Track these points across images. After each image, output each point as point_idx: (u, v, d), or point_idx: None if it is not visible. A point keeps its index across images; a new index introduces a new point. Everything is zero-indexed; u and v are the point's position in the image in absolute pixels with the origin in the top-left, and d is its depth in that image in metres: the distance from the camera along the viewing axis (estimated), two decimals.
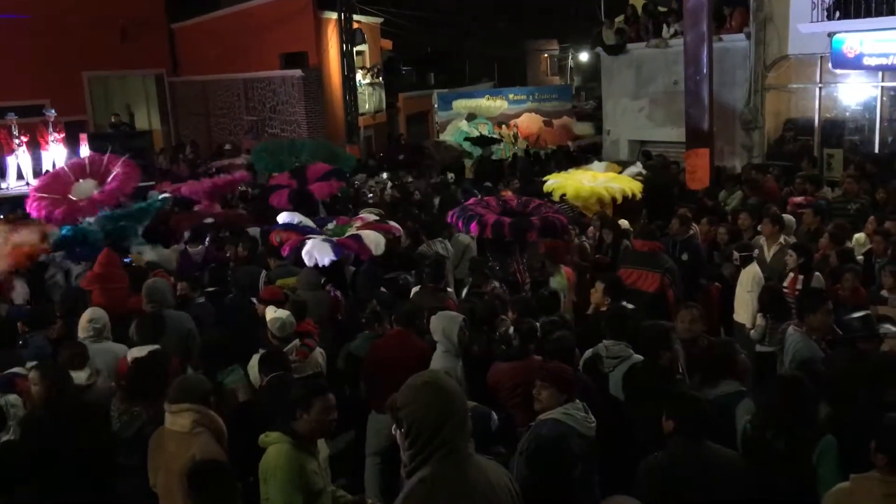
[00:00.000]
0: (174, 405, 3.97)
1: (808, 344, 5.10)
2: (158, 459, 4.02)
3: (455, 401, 2.66)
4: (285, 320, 5.59)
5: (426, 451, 2.60)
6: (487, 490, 2.62)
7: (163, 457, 3.98)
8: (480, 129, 21.30)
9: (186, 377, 4.29)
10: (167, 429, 4.02)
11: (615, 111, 18.20)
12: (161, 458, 4.00)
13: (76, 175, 10.45)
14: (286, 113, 21.67)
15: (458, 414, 2.63)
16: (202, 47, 23.67)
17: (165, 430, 4.03)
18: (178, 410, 3.95)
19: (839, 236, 7.82)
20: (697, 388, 4.63)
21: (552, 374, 4.27)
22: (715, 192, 11.43)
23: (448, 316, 5.40)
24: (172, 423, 3.98)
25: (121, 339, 6.02)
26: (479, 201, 9.22)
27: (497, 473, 2.74)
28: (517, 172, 16.00)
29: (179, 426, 3.94)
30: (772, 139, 14.88)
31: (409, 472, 2.65)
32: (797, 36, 13.51)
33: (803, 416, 3.90)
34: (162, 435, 4.04)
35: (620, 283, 6.44)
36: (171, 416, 3.99)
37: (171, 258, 8.72)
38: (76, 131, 18.23)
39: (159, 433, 4.07)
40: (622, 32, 17.45)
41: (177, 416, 3.96)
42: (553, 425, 4.07)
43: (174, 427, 3.97)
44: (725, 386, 4.56)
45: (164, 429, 4.04)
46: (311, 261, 7.30)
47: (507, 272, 7.83)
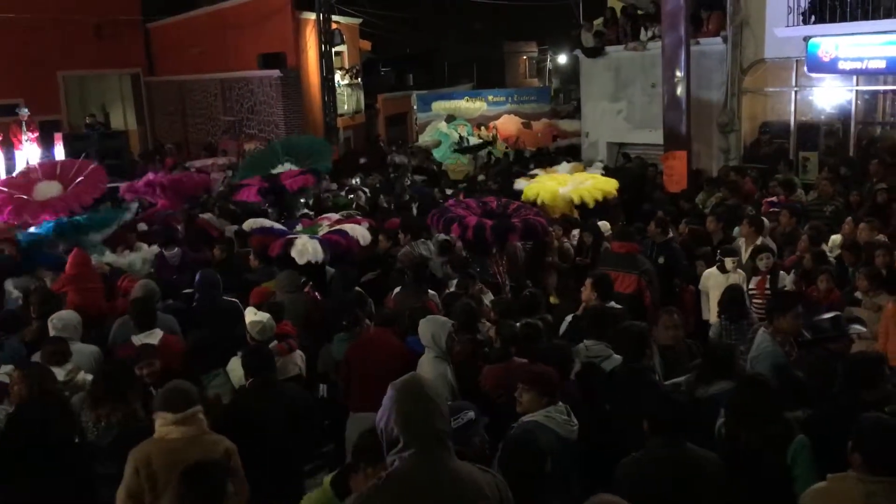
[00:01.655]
0: (181, 413, 3.88)
1: (773, 350, 5.12)
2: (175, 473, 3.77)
3: (423, 404, 2.65)
4: (266, 323, 5.55)
5: (394, 452, 2.65)
6: (449, 494, 2.60)
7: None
8: (460, 130, 21.33)
9: (176, 384, 4.19)
10: (172, 439, 3.85)
11: (594, 113, 18.27)
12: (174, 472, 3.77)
13: (45, 175, 10.21)
14: (264, 113, 21.56)
15: (426, 416, 2.63)
16: (179, 47, 23.48)
17: (170, 442, 3.85)
18: (190, 415, 3.88)
19: (816, 238, 7.91)
20: (692, 386, 4.64)
21: (533, 378, 4.28)
22: (692, 195, 11.51)
23: (437, 321, 5.36)
24: (180, 431, 3.84)
25: (98, 339, 5.96)
26: (458, 203, 9.23)
27: (473, 479, 2.69)
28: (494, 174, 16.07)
29: (193, 431, 3.86)
30: (748, 142, 15.01)
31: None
32: (773, 40, 13.63)
33: (772, 416, 3.93)
34: (168, 448, 3.85)
35: (607, 280, 6.45)
36: (176, 426, 3.85)
37: (136, 262, 8.56)
38: (51, 131, 18.05)
39: (162, 449, 3.86)
40: (600, 35, 17.53)
41: (187, 421, 3.87)
42: (525, 426, 4.10)
43: (181, 434, 3.84)
44: (720, 385, 4.56)
45: (167, 441, 3.86)
46: (304, 259, 7.25)
47: (487, 273, 7.84)
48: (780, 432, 3.89)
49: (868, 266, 6.88)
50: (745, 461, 3.88)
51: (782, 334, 5.18)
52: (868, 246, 7.44)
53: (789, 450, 3.83)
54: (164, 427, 3.87)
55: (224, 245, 8.58)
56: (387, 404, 2.71)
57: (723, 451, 4.02)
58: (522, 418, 4.20)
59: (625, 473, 3.74)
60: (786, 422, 3.96)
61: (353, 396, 5.64)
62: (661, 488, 3.61)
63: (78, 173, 10.06)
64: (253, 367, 4.86)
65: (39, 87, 21.74)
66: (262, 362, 4.89)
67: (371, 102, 25.54)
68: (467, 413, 3.93)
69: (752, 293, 7.17)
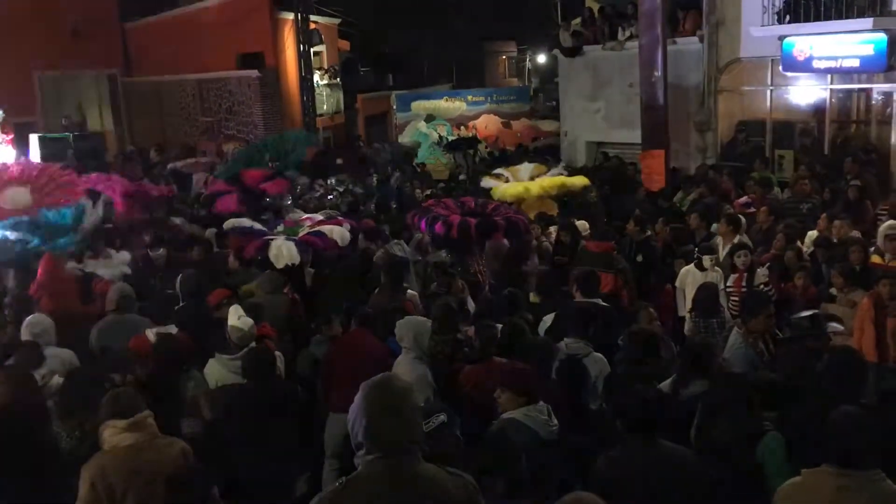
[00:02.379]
0: (131, 419, 3.84)
1: (745, 351, 5.17)
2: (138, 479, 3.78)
3: (389, 409, 2.63)
4: (247, 331, 5.51)
5: (359, 454, 2.66)
6: (411, 499, 2.58)
7: (144, 475, 3.76)
8: (439, 130, 21.34)
9: (119, 391, 4.15)
10: (124, 447, 3.80)
11: (572, 113, 18.33)
12: (141, 478, 3.77)
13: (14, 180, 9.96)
14: (242, 114, 21.43)
15: (390, 422, 2.61)
16: (156, 47, 23.28)
17: (124, 450, 3.80)
18: (141, 420, 3.85)
19: (792, 236, 7.99)
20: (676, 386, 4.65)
21: (509, 377, 4.30)
22: (670, 193, 11.60)
23: (418, 322, 5.36)
24: (133, 437, 3.80)
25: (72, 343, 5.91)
26: (437, 202, 9.24)
27: (438, 483, 2.65)
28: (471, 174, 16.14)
29: (145, 436, 3.83)
30: (724, 141, 15.13)
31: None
32: (749, 39, 13.74)
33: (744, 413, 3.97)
34: (122, 457, 3.79)
35: (592, 278, 6.47)
36: (129, 432, 3.81)
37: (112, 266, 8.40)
38: (26, 132, 17.84)
39: (116, 458, 3.79)
40: (579, 35, 17.59)
41: (138, 427, 3.84)
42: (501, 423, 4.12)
43: (133, 440, 3.82)
44: (696, 386, 4.57)
45: (120, 449, 3.80)
46: (281, 262, 7.23)
47: (468, 272, 7.85)
48: (751, 429, 3.93)
49: (842, 263, 6.97)
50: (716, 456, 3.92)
51: (754, 335, 5.24)
52: (842, 243, 7.53)
53: (759, 447, 3.86)
54: (115, 436, 3.80)
55: (203, 246, 8.54)
56: (355, 405, 2.70)
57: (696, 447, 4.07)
58: (502, 416, 4.21)
59: (600, 471, 3.76)
60: (757, 419, 4.00)
61: (332, 397, 5.63)
62: (635, 486, 3.63)
63: (50, 180, 9.83)
64: (253, 370, 4.88)
65: (14, 88, 21.44)
66: (262, 366, 4.92)
67: (350, 102, 25.47)
68: (439, 416, 3.94)
69: (729, 291, 7.24)
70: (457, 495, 2.68)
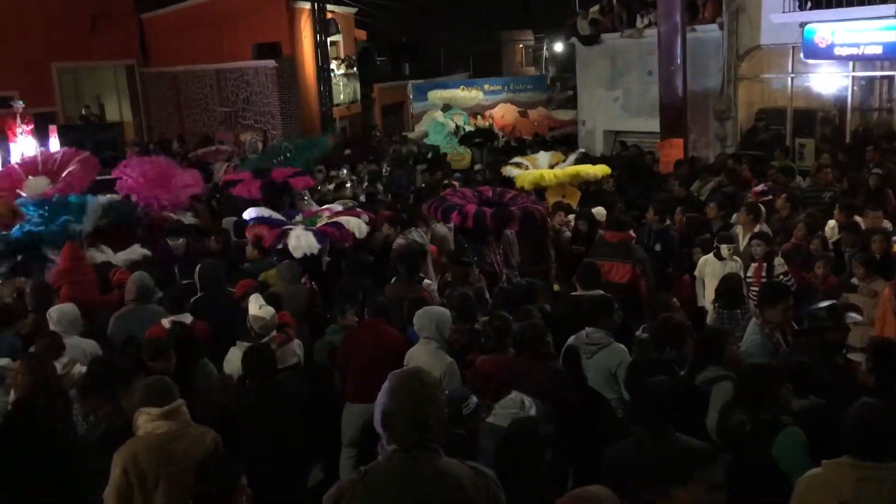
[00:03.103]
0: (166, 406, 3.86)
1: (761, 342, 5.13)
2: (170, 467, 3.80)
3: (412, 403, 2.62)
4: (268, 320, 5.52)
5: (380, 444, 2.67)
6: (426, 493, 2.58)
7: (176, 464, 3.78)
8: (456, 119, 21.28)
9: (155, 378, 4.18)
10: (159, 434, 3.81)
11: (590, 101, 18.23)
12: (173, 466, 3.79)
13: (28, 172, 10.03)
14: (260, 104, 21.48)
15: (412, 416, 2.60)
16: (173, 37, 23.37)
17: (157, 437, 3.81)
18: (175, 408, 3.87)
19: (813, 226, 7.91)
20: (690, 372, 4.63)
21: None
22: (689, 182, 11.50)
23: (438, 311, 5.33)
24: (168, 425, 3.82)
25: (91, 333, 5.95)
26: (454, 192, 9.23)
27: (456, 479, 2.63)
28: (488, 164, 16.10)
29: (179, 424, 3.85)
30: (744, 129, 15.00)
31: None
32: (769, 26, 13.59)
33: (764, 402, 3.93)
34: (155, 444, 3.80)
35: (591, 270, 6.43)
36: (163, 420, 3.82)
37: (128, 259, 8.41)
38: (46, 123, 17.99)
39: (149, 445, 3.80)
40: (597, 23, 17.48)
41: (172, 415, 3.86)
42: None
43: (168, 428, 3.83)
44: (710, 371, 4.55)
45: (154, 436, 3.81)
46: (300, 252, 7.24)
47: (485, 262, 7.84)
48: (770, 420, 3.89)
49: (863, 252, 6.89)
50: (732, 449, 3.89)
51: (771, 325, 5.19)
52: (865, 232, 7.44)
53: (776, 442, 3.81)
54: (150, 423, 3.83)
55: (220, 236, 8.56)
56: (381, 394, 2.69)
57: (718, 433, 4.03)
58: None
59: (609, 460, 3.75)
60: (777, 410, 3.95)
61: (348, 387, 5.64)
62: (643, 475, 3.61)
63: (63, 164, 9.93)
64: (252, 368, 4.87)
65: (34, 79, 21.64)
66: (263, 366, 4.88)
67: (367, 92, 25.45)
68: (471, 398, 3.93)
69: (749, 281, 7.17)
70: (474, 492, 2.65)
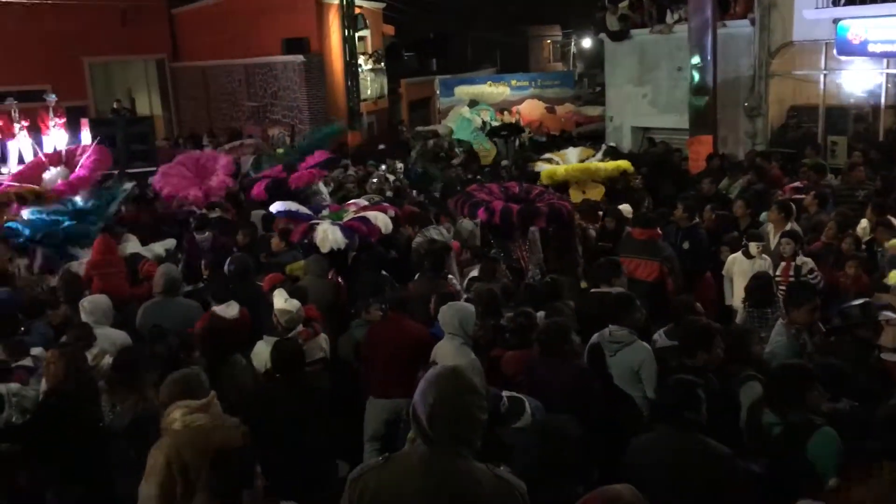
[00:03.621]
0: (204, 399, 3.88)
1: (786, 343, 5.06)
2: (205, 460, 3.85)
3: (451, 396, 2.60)
4: (295, 314, 5.55)
5: (410, 436, 2.68)
6: (439, 492, 2.56)
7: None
8: (482, 115, 21.24)
9: (188, 372, 4.22)
10: (198, 426, 3.70)
11: (618, 97, 18.10)
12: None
13: (52, 163, 10.20)
14: (287, 99, 21.60)
15: (449, 409, 2.58)
16: (203, 32, 23.57)
17: (197, 429, 3.68)
18: (211, 400, 3.89)
19: (843, 224, 7.79)
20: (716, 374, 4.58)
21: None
22: (719, 179, 11.39)
23: (462, 307, 5.31)
24: (206, 417, 3.74)
25: (122, 325, 6.02)
26: (480, 188, 9.20)
27: (475, 485, 2.58)
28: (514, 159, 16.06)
29: (215, 417, 3.85)
30: (775, 126, 14.81)
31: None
32: (802, 22, 13.41)
33: (793, 403, 3.89)
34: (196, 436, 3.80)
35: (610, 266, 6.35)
36: (203, 412, 3.77)
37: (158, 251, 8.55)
38: (77, 116, 18.21)
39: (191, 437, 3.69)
40: (626, 18, 17.34)
41: (210, 407, 3.85)
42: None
43: (206, 420, 3.83)
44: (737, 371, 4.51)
45: (194, 429, 3.70)
46: (326, 246, 7.27)
47: (511, 259, 7.82)
48: (801, 421, 3.84)
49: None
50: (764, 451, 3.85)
51: (797, 326, 5.12)
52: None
53: (810, 443, 3.77)
54: (188, 416, 3.83)
55: (247, 230, 8.63)
56: (418, 390, 2.68)
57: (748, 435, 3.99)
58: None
59: (630, 456, 3.74)
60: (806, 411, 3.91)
61: (371, 381, 5.66)
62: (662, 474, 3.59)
63: (81, 155, 10.07)
64: (281, 364, 4.90)
65: (66, 73, 21.95)
66: (291, 361, 4.91)
67: (394, 87, 25.49)
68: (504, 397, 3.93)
69: (777, 280, 7.09)
70: (490, 500, 2.60)
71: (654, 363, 4.97)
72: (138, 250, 8.02)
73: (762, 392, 4.24)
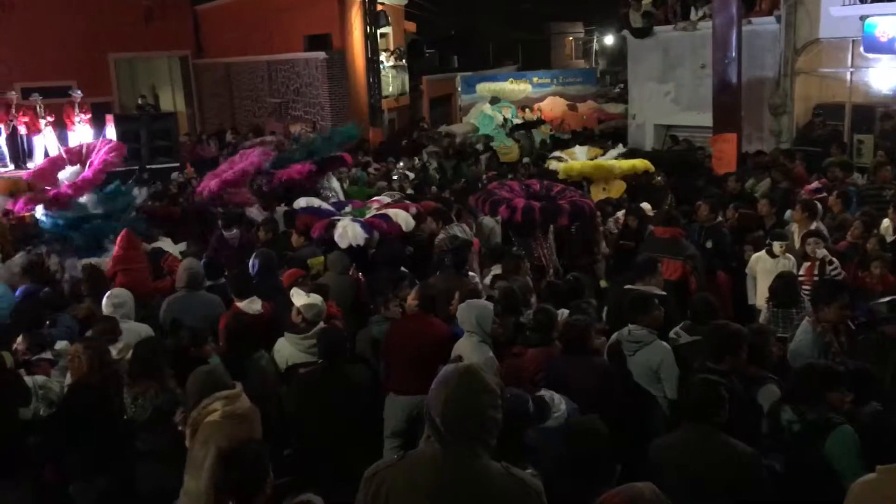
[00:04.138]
0: (237, 388, 3.87)
1: (812, 343, 5.01)
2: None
3: (466, 395, 2.59)
4: (320, 306, 5.57)
5: (424, 435, 2.66)
6: (456, 489, 2.55)
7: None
8: (504, 112, 21.19)
9: (209, 367, 4.24)
10: (238, 413, 3.77)
11: (641, 95, 18.00)
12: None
13: (73, 160, 10.19)
14: (309, 95, 21.67)
15: (463, 408, 2.57)
16: (226, 29, 23.71)
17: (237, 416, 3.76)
18: (241, 390, 3.92)
19: (870, 224, 7.70)
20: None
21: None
22: (743, 178, 11.29)
23: (481, 305, 5.30)
24: (242, 405, 3.81)
25: (145, 319, 6.07)
26: (501, 185, 9.19)
27: (489, 485, 2.57)
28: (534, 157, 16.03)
29: (249, 405, 3.89)
30: (801, 124, 14.65)
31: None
32: (828, 19, 13.25)
33: (813, 402, 3.85)
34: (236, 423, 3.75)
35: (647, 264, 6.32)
36: (241, 401, 3.80)
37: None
38: (102, 112, 18.40)
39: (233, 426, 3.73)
40: (649, 15, 17.24)
41: (243, 396, 3.90)
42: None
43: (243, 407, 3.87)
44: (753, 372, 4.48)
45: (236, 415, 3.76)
46: (345, 242, 7.28)
47: (532, 257, 7.79)
48: (819, 419, 3.80)
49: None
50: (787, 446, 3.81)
51: (824, 324, 5.06)
52: None
53: (829, 441, 3.73)
54: (228, 405, 3.84)
55: (269, 226, 8.65)
56: (433, 387, 2.67)
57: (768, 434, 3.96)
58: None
59: (654, 456, 3.72)
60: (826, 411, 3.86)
61: (391, 378, 5.66)
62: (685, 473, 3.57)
63: (97, 151, 10.10)
64: (329, 349, 4.98)
65: (91, 69, 22.18)
66: (336, 345, 5.01)
67: (415, 84, 25.50)
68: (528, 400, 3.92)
69: (800, 279, 7.02)
70: (507, 498, 2.59)
71: (673, 363, 4.95)
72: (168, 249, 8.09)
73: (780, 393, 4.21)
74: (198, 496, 3.52)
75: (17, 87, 18.85)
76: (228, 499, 3.28)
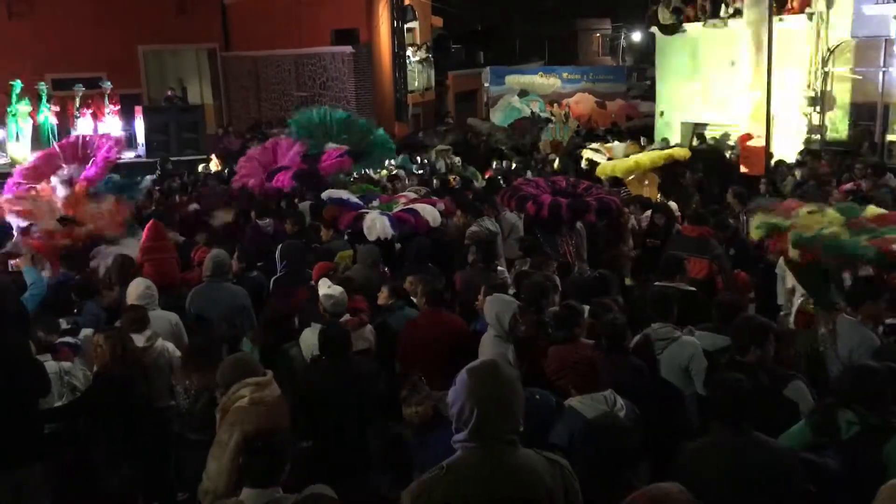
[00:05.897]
0: (266, 376, 3.91)
1: (865, 333, 4.94)
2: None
3: (496, 391, 2.64)
4: (338, 297, 5.58)
5: (458, 440, 2.69)
6: (506, 488, 2.61)
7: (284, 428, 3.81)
8: (532, 105, 21.10)
9: (238, 356, 4.28)
10: (268, 402, 3.83)
11: (668, 92, 17.87)
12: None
13: (67, 157, 10.06)
14: (336, 89, 21.72)
15: (496, 404, 2.63)
16: (254, 23, 23.81)
17: (266, 405, 3.81)
18: (271, 377, 3.95)
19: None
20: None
21: (571, 370, 4.29)
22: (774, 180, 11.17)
23: (503, 300, 5.28)
24: (271, 393, 3.87)
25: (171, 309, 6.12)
26: (527, 182, 9.15)
27: (533, 471, 2.68)
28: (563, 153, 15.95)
29: (277, 392, 3.91)
30: (831, 124, 14.46)
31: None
32: (861, 18, 13.08)
33: (875, 405, 3.78)
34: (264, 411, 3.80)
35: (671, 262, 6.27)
36: (269, 388, 3.86)
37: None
38: (131, 104, 18.60)
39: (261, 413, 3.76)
40: (679, 12, 17.09)
41: (272, 384, 3.93)
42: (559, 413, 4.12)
43: (272, 396, 3.90)
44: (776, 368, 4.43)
45: (264, 404, 3.81)
46: (374, 235, 7.29)
47: (558, 253, 7.76)
48: (880, 423, 3.73)
49: None
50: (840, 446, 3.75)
51: (867, 321, 5.00)
52: None
53: (890, 444, 3.64)
54: (257, 392, 3.87)
55: (295, 218, 8.68)
56: (459, 390, 2.69)
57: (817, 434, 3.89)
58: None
59: (684, 459, 3.66)
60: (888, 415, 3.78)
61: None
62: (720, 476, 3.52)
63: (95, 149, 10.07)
64: (327, 348, 4.93)
65: (121, 61, 22.37)
66: (338, 346, 4.93)
67: (441, 79, 25.48)
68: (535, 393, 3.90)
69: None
70: (553, 484, 2.69)
71: (703, 357, 4.90)
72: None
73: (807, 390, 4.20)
74: (217, 475, 3.56)
75: (48, 77, 19.10)
76: (247, 483, 3.30)
